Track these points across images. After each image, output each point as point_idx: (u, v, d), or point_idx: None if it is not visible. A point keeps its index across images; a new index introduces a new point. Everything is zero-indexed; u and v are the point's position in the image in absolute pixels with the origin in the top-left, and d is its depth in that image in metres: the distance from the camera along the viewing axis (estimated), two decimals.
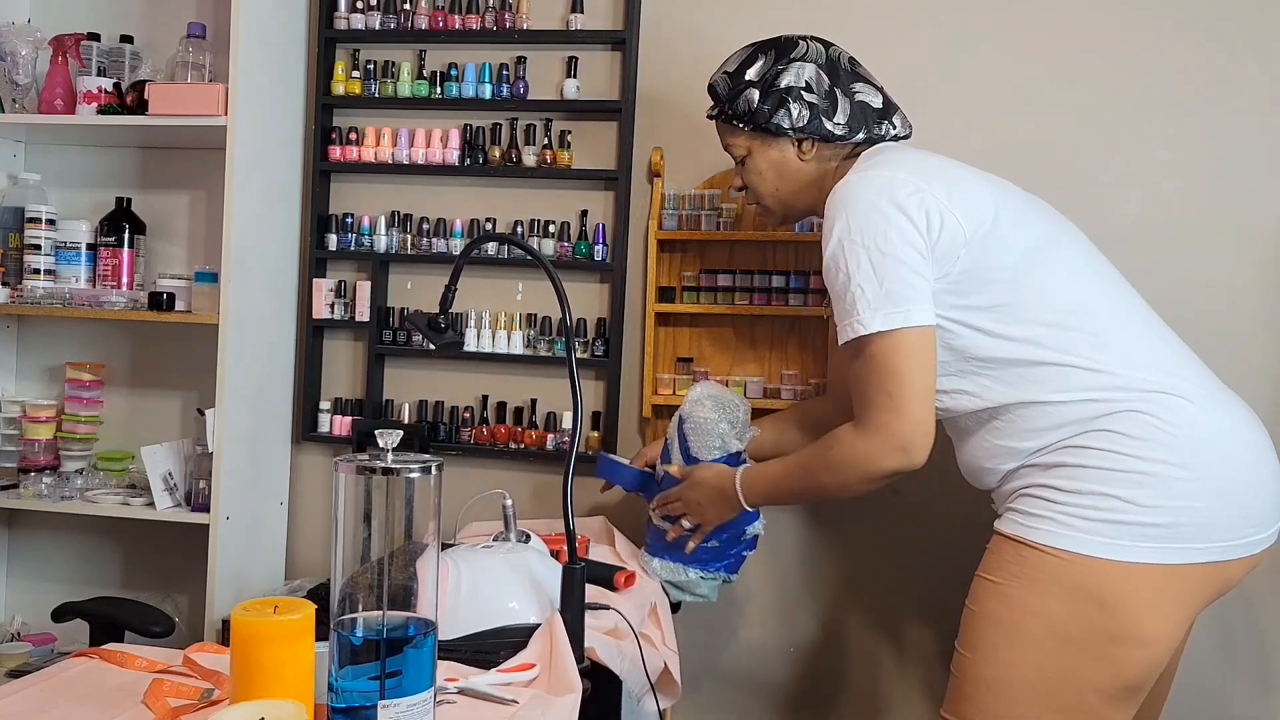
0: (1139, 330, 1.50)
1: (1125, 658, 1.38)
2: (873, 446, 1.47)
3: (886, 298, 1.43)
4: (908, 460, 1.46)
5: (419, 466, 1.07)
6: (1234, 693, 2.02)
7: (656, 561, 1.86)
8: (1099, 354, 1.43)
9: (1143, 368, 1.44)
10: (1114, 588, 1.37)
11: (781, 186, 1.70)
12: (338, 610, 1.05)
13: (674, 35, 2.25)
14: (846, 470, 1.51)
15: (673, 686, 1.71)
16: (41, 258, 2.34)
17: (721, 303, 2.17)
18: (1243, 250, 2.02)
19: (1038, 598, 1.40)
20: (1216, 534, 1.39)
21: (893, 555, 2.17)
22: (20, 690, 1.18)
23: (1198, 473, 1.38)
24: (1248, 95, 2.02)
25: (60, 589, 2.42)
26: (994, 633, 1.44)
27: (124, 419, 2.48)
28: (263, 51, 2.22)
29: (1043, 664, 1.40)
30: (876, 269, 1.43)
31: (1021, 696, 1.40)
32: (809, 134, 1.64)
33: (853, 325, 1.45)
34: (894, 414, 1.44)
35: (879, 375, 1.45)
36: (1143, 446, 1.39)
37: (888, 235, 1.44)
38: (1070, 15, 2.08)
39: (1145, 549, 1.37)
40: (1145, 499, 1.37)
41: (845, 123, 1.64)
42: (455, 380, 2.35)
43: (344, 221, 2.36)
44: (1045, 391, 1.44)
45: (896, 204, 1.45)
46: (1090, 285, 1.51)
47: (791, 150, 1.67)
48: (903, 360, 1.43)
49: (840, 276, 1.47)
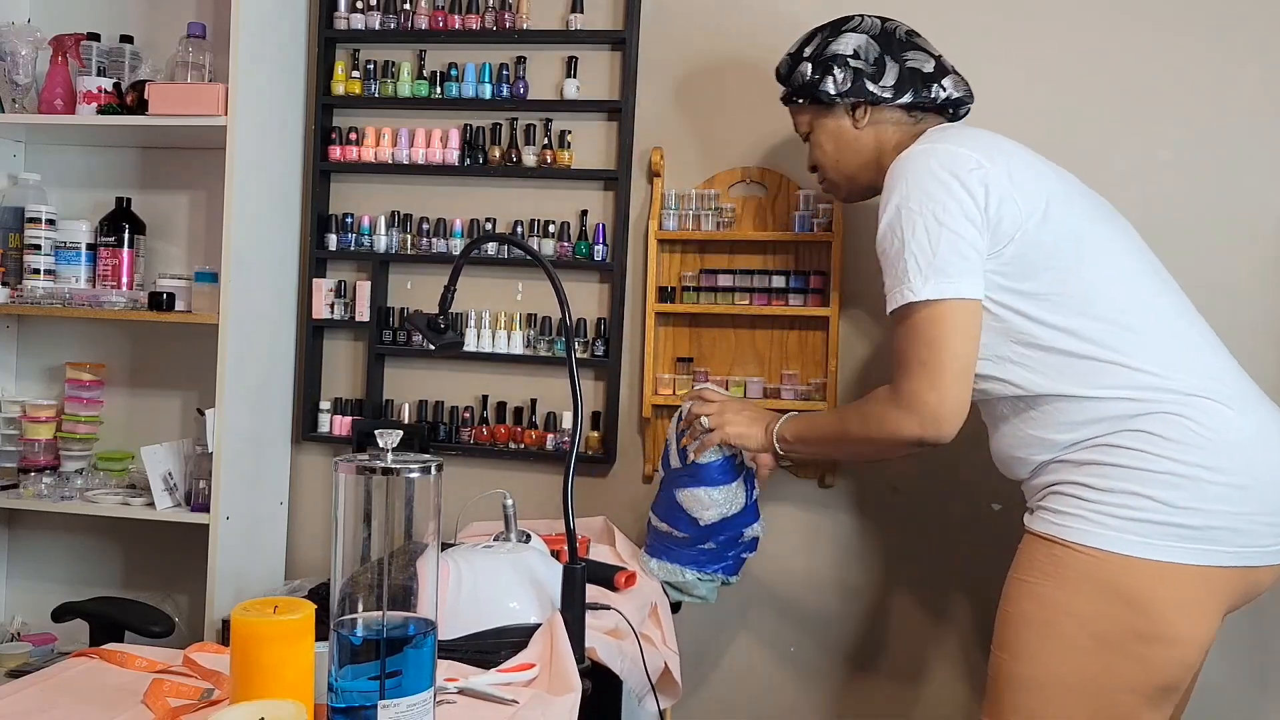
0: (1182, 331, 1.49)
1: (1156, 657, 1.38)
2: (902, 413, 1.47)
3: (938, 268, 1.42)
4: (935, 432, 1.45)
5: (419, 466, 1.07)
6: (1235, 693, 2.02)
7: (654, 562, 1.86)
8: (1141, 353, 1.43)
9: (1182, 370, 1.43)
10: (1146, 587, 1.37)
11: (841, 158, 1.73)
12: (338, 610, 1.05)
13: (674, 35, 2.25)
14: (875, 427, 1.51)
15: (673, 687, 1.71)
16: (41, 258, 2.34)
17: (721, 303, 2.17)
18: (1243, 250, 2.02)
19: (1070, 596, 1.40)
20: (1248, 538, 1.39)
21: (893, 556, 2.16)
22: (20, 690, 1.18)
23: (1231, 477, 1.38)
24: (1248, 95, 2.02)
25: (60, 589, 2.42)
26: (1028, 632, 1.44)
27: (124, 419, 2.48)
28: (263, 51, 2.22)
29: (1077, 663, 1.39)
30: (931, 238, 1.43)
31: (1056, 696, 1.40)
32: (855, 97, 1.67)
33: (902, 292, 1.45)
34: (927, 384, 1.44)
35: (918, 344, 1.44)
36: (1178, 449, 1.39)
37: (946, 206, 1.43)
38: (1070, 15, 2.08)
39: (1178, 549, 1.37)
40: (1178, 500, 1.37)
41: (892, 85, 1.66)
42: (455, 380, 2.35)
43: (344, 221, 2.36)
44: (1084, 385, 1.43)
45: (958, 177, 1.45)
46: (1138, 282, 1.50)
47: (847, 120, 1.70)
48: (945, 331, 1.43)
49: (894, 243, 1.47)
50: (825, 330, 2.13)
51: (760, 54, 2.21)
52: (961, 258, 1.43)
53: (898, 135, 1.68)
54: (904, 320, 1.47)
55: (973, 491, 2.10)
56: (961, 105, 1.73)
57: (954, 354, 1.43)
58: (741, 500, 1.81)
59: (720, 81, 2.23)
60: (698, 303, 2.18)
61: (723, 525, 1.79)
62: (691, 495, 1.78)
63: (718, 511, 1.78)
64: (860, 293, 2.14)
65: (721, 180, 2.21)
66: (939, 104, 1.69)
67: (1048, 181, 1.51)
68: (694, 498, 1.78)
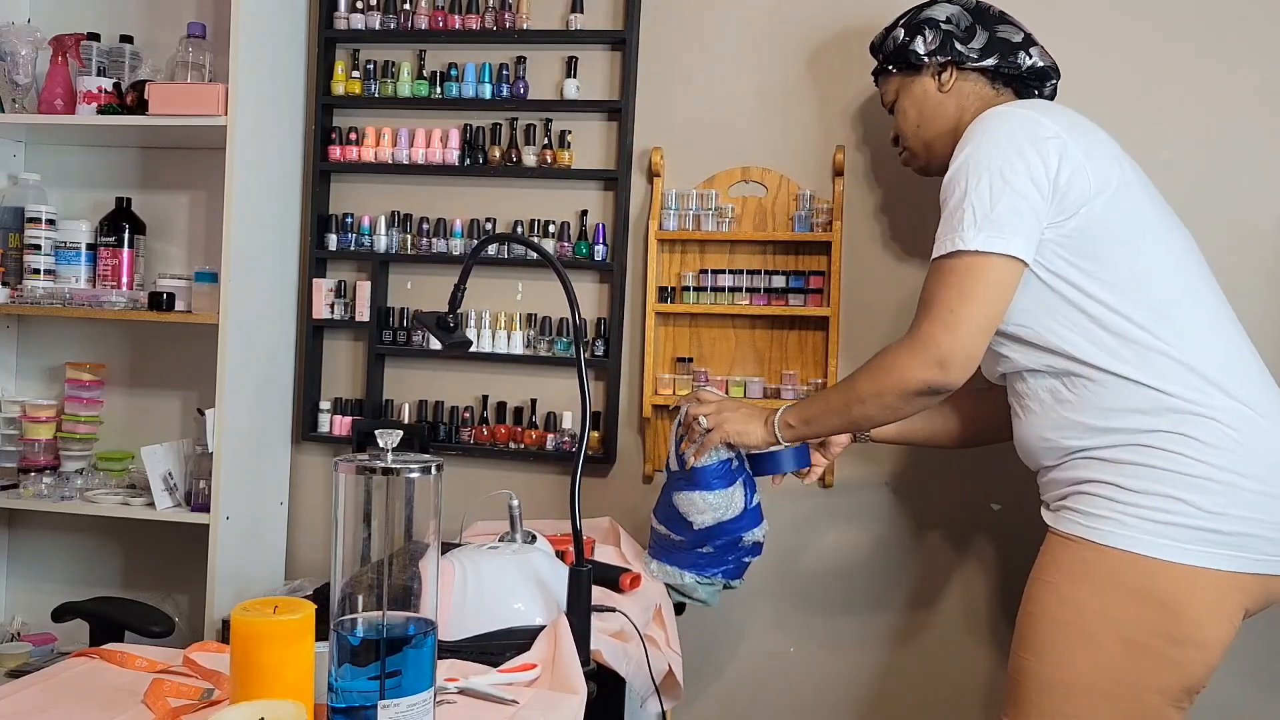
0: (1228, 337, 1.49)
1: (1185, 660, 1.38)
2: (914, 356, 1.45)
3: (994, 221, 1.42)
4: (944, 376, 1.43)
5: (419, 466, 1.07)
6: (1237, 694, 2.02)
7: (655, 564, 1.86)
8: (1187, 349, 1.42)
9: (1224, 374, 1.43)
10: (1178, 590, 1.37)
11: (922, 122, 1.74)
12: (338, 610, 1.05)
13: (674, 35, 2.25)
14: (884, 379, 1.49)
15: (676, 689, 1.71)
16: (41, 258, 2.34)
17: (721, 303, 2.17)
18: (1243, 250, 2.02)
19: (1100, 599, 1.40)
20: (1273, 546, 1.40)
21: (893, 556, 2.16)
22: (20, 690, 1.17)
23: (1266, 486, 1.39)
24: (1248, 95, 2.02)
25: (60, 589, 2.41)
26: (1055, 634, 1.43)
27: (124, 419, 2.48)
28: (263, 51, 2.22)
29: (1106, 665, 1.39)
30: (994, 193, 1.43)
31: (1085, 698, 1.40)
32: (943, 56, 1.69)
33: (953, 239, 1.44)
34: (945, 329, 1.42)
35: (950, 291, 1.43)
36: (1215, 454, 1.38)
37: (1015, 166, 1.43)
38: (1070, 15, 2.08)
39: (1209, 554, 1.37)
40: (1212, 505, 1.37)
41: (980, 49, 1.68)
42: (455, 380, 2.35)
43: (344, 221, 2.36)
44: (1128, 366, 1.42)
45: (1033, 142, 1.45)
46: (1191, 282, 1.50)
47: (932, 83, 1.72)
48: (981, 285, 1.42)
49: (956, 192, 1.46)
50: (825, 330, 2.13)
51: (760, 54, 2.21)
52: (1018, 216, 1.42)
53: (978, 105, 1.67)
54: (944, 266, 1.45)
55: (973, 491, 2.10)
56: (1047, 78, 1.74)
57: (983, 309, 1.42)
58: (740, 505, 1.79)
59: (720, 81, 2.23)
60: (698, 303, 2.18)
61: (719, 530, 1.78)
62: (687, 499, 1.77)
63: (712, 516, 1.77)
64: (860, 293, 2.14)
65: (721, 180, 2.21)
66: (1024, 72, 1.70)
67: (1123, 168, 1.52)
68: (689, 501, 1.77)
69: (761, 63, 2.21)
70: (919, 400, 1.49)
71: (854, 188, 2.17)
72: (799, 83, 2.21)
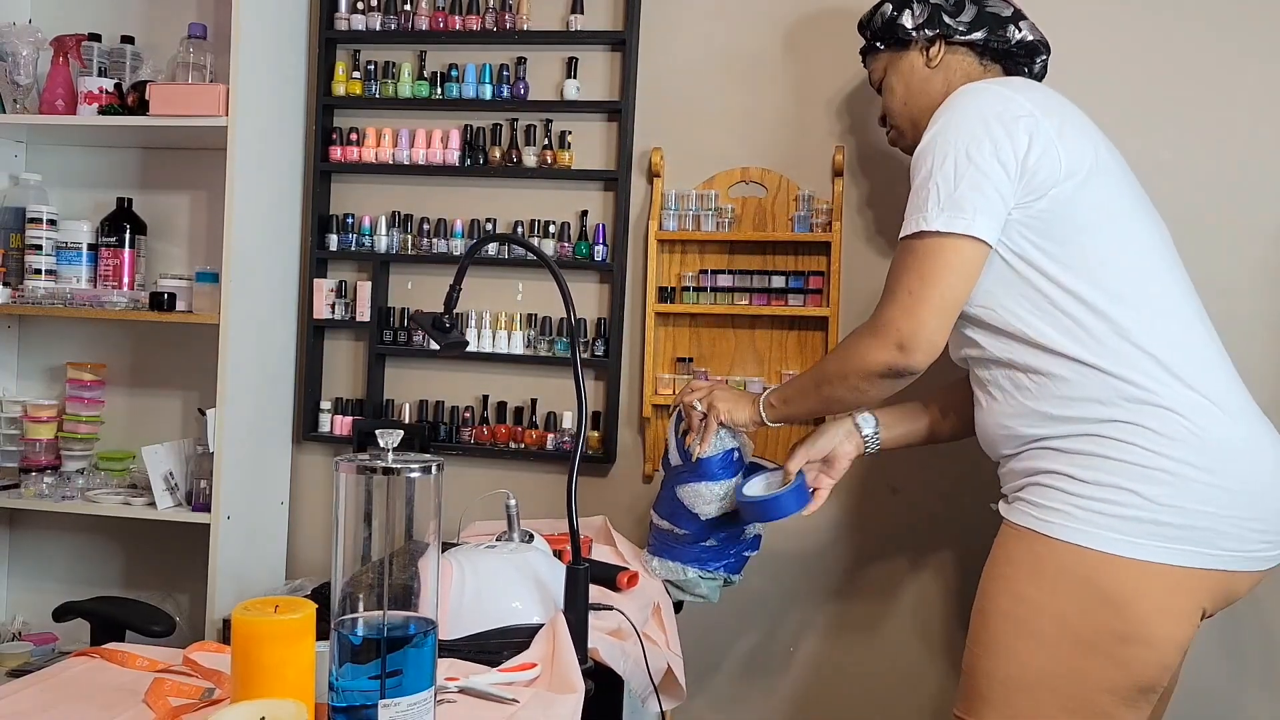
0: (1191, 330, 1.47)
1: (1134, 659, 1.37)
2: (875, 339, 1.45)
3: (957, 202, 1.40)
4: (904, 359, 1.42)
5: (419, 466, 1.07)
6: (1243, 697, 2.02)
7: (656, 560, 1.86)
8: (1147, 338, 1.41)
9: (1184, 365, 1.41)
10: (1126, 587, 1.36)
11: (909, 98, 1.70)
12: (338, 609, 1.05)
13: (674, 35, 2.25)
14: (848, 361, 1.50)
15: (676, 688, 1.71)
16: (42, 258, 2.34)
17: (721, 303, 2.17)
18: (1243, 251, 2.02)
19: (1050, 595, 1.39)
20: (1232, 542, 1.38)
21: (892, 556, 2.17)
22: (21, 690, 1.18)
23: (1219, 479, 1.37)
24: (1248, 95, 2.02)
25: (61, 588, 2.42)
26: (1007, 631, 1.42)
27: (125, 419, 2.48)
28: (263, 52, 2.22)
29: (1055, 662, 1.38)
30: (959, 172, 1.41)
31: (1034, 695, 1.39)
32: (931, 29, 1.66)
33: (916, 220, 1.43)
34: (904, 311, 1.42)
35: (910, 274, 1.43)
36: (1169, 445, 1.37)
37: (980, 144, 1.42)
38: (1070, 15, 2.08)
39: (1159, 548, 1.36)
40: (1163, 497, 1.36)
41: (969, 22, 1.66)
42: (455, 380, 2.35)
43: (344, 222, 2.36)
44: (1087, 351, 1.41)
45: (1002, 120, 1.43)
46: (1157, 271, 1.48)
47: (919, 59, 1.69)
48: (941, 266, 1.41)
49: (922, 170, 1.45)
50: (825, 330, 2.14)
51: (760, 54, 2.21)
52: (982, 196, 1.40)
53: (965, 82, 1.61)
54: (906, 246, 1.45)
55: (973, 492, 2.10)
56: (1036, 54, 1.71)
57: (943, 290, 1.41)
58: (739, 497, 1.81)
59: (720, 81, 2.23)
60: (697, 303, 2.18)
61: (723, 521, 1.80)
62: (692, 490, 1.78)
63: (718, 506, 1.78)
64: (860, 293, 2.14)
65: (721, 180, 2.21)
66: (1012, 46, 1.68)
67: (1098, 150, 1.49)
68: (695, 493, 1.78)
69: (761, 63, 2.21)
70: (883, 383, 1.48)
71: (854, 188, 2.17)
72: (799, 83, 2.21)
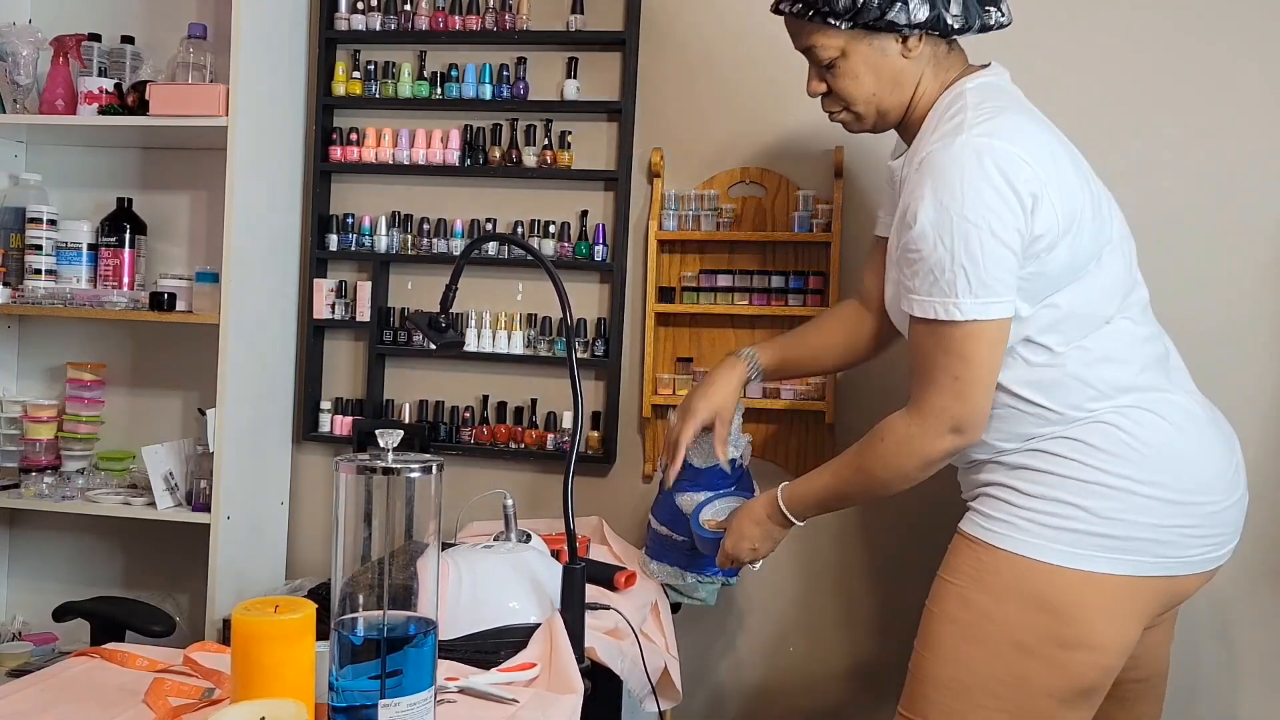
0: (1140, 343, 1.47)
1: (1075, 662, 1.39)
2: (930, 430, 1.40)
3: (988, 285, 1.34)
4: (964, 441, 1.41)
5: (419, 466, 1.07)
6: (1239, 697, 2.02)
7: (655, 564, 1.86)
8: (1094, 372, 1.41)
9: (1132, 382, 1.42)
10: (1068, 595, 1.38)
11: (880, 90, 1.49)
12: (338, 610, 1.05)
13: (674, 35, 2.25)
14: (904, 459, 1.44)
15: (672, 690, 1.71)
16: (42, 258, 2.34)
17: (721, 303, 2.17)
18: (1243, 251, 2.02)
19: (994, 602, 1.41)
20: (1173, 549, 1.40)
21: (892, 555, 2.17)
22: (21, 690, 1.18)
23: (1159, 490, 1.38)
24: (1248, 95, 2.02)
25: (61, 588, 2.41)
26: (950, 634, 1.44)
27: (125, 419, 2.48)
28: (263, 52, 2.22)
29: (996, 666, 1.41)
30: (985, 253, 1.32)
31: (975, 697, 1.41)
32: (926, 30, 1.44)
33: (946, 307, 1.35)
34: (956, 398, 1.38)
35: (951, 358, 1.37)
36: (1108, 459, 1.39)
37: (1002, 217, 1.32)
38: (1070, 15, 2.08)
39: (1102, 559, 1.38)
40: (1104, 510, 1.38)
41: (962, 13, 1.44)
42: (455, 380, 2.35)
43: (344, 222, 2.36)
44: (1034, 391, 1.42)
45: (1011, 184, 1.32)
46: (1111, 293, 1.45)
47: (895, 47, 1.45)
48: (984, 349, 1.36)
49: (939, 250, 1.33)
50: None
51: (760, 54, 2.21)
52: (1010, 273, 1.35)
53: (933, 66, 1.49)
54: (938, 332, 1.38)
55: None
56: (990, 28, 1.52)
57: (987, 370, 1.38)
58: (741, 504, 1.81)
59: (720, 82, 2.23)
60: (697, 303, 2.18)
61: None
62: (690, 499, 1.78)
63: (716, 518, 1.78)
64: None
65: (721, 180, 2.21)
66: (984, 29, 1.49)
67: (1082, 192, 1.42)
68: (693, 502, 1.78)
69: (761, 62, 2.21)
70: (941, 464, 1.46)
71: (854, 188, 2.17)
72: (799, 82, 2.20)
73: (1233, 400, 1.90)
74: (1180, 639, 1.67)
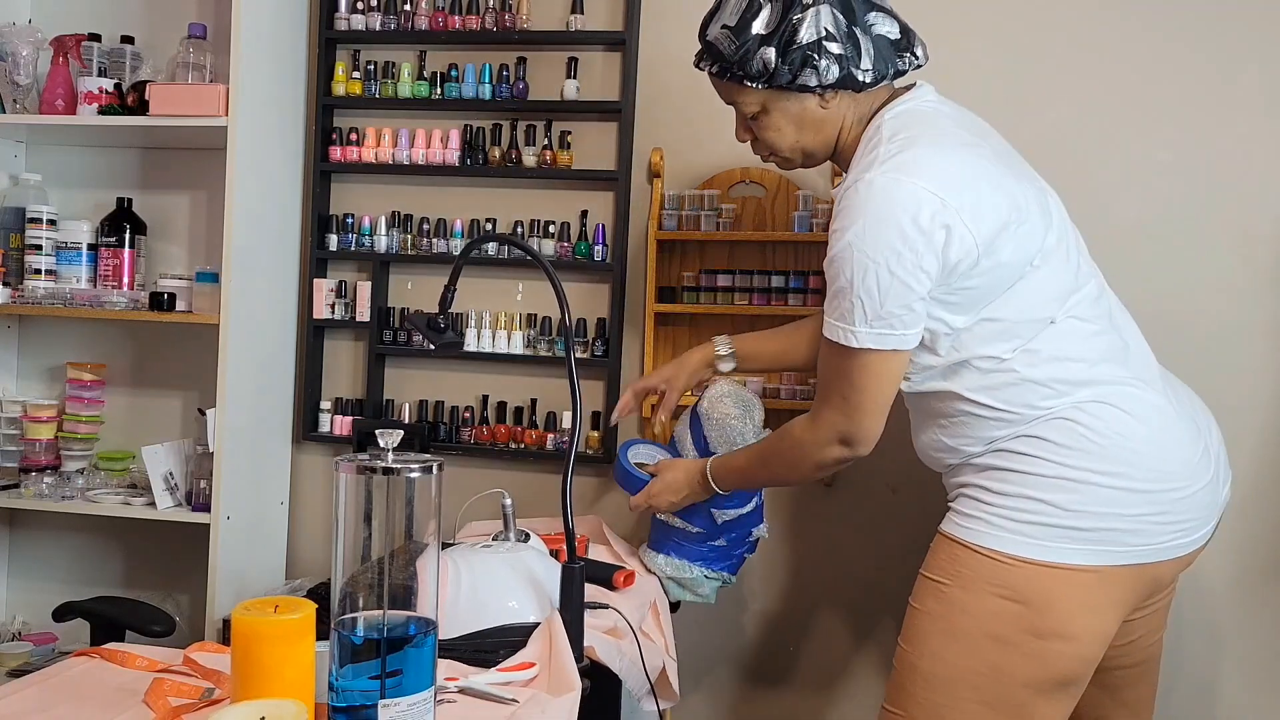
0: (1094, 337, 1.47)
1: (1050, 653, 1.41)
2: (820, 439, 1.52)
3: (884, 319, 1.41)
4: (851, 452, 1.51)
5: (419, 466, 1.07)
6: (1227, 691, 2.02)
7: (661, 558, 1.85)
8: (1045, 370, 1.44)
9: (1087, 376, 1.44)
10: (1043, 587, 1.40)
11: (803, 138, 1.56)
12: (338, 609, 1.05)
13: (674, 35, 2.25)
14: (799, 460, 1.58)
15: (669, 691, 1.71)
16: (42, 258, 2.34)
17: (721, 303, 2.17)
18: (1242, 251, 2.02)
19: (970, 596, 1.44)
20: (1142, 538, 1.41)
21: (892, 556, 2.17)
22: (21, 690, 1.18)
23: (1123, 481, 1.40)
24: (1248, 95, 2.02)
25: (61, 588, 2.42)
26: (930, 629, 1.48)
27: (125, 419, 2.48)
28: (263, 52, 2.22)
29: (974, 659, 1.43)
30: (882, 289, 1.39)
31: (955, 690, 1.44)
32: (839, 88, 1.49)
33: (844, 333, 1.44)
34: (845, 416, 1.48)
35: (844, 381, 1.47)
36: (1068, 454, 1.41)
37: (901, 256, 1.37)
38: (1070, 14, 2.08)
39: (1070, 550, 1.40)
40: (1069, 504, 1.40)
41: (872, 67, 1.48)
42: (455, 380, 2.35)
43: (344, 222, 2.36)
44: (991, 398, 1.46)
45: (918, 224, 1.37)
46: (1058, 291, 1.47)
47: (813, 101, 1.51)
48: (873, 378, 1.45)
49: (842, 280, 1.42)
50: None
51: None
52: (908, 309, 1.41)
53: (854, 107, 1.53)
54: (836, 353, 1.47)
55: None
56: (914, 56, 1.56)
57: (876, 396, 1.46)
58: (754, 499, 1.82)
59: None
60: (697, 303, 2.18)
61: (736, 522, 1.80)
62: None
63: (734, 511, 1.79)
64: None
65: (721, 180, 2.21)
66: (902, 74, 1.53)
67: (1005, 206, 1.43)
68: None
69: None
70: (835, 468, 1.58)
71: None
72: None
73: (1232, 400, 1.91)
74: (1181, 639, 1.68)
